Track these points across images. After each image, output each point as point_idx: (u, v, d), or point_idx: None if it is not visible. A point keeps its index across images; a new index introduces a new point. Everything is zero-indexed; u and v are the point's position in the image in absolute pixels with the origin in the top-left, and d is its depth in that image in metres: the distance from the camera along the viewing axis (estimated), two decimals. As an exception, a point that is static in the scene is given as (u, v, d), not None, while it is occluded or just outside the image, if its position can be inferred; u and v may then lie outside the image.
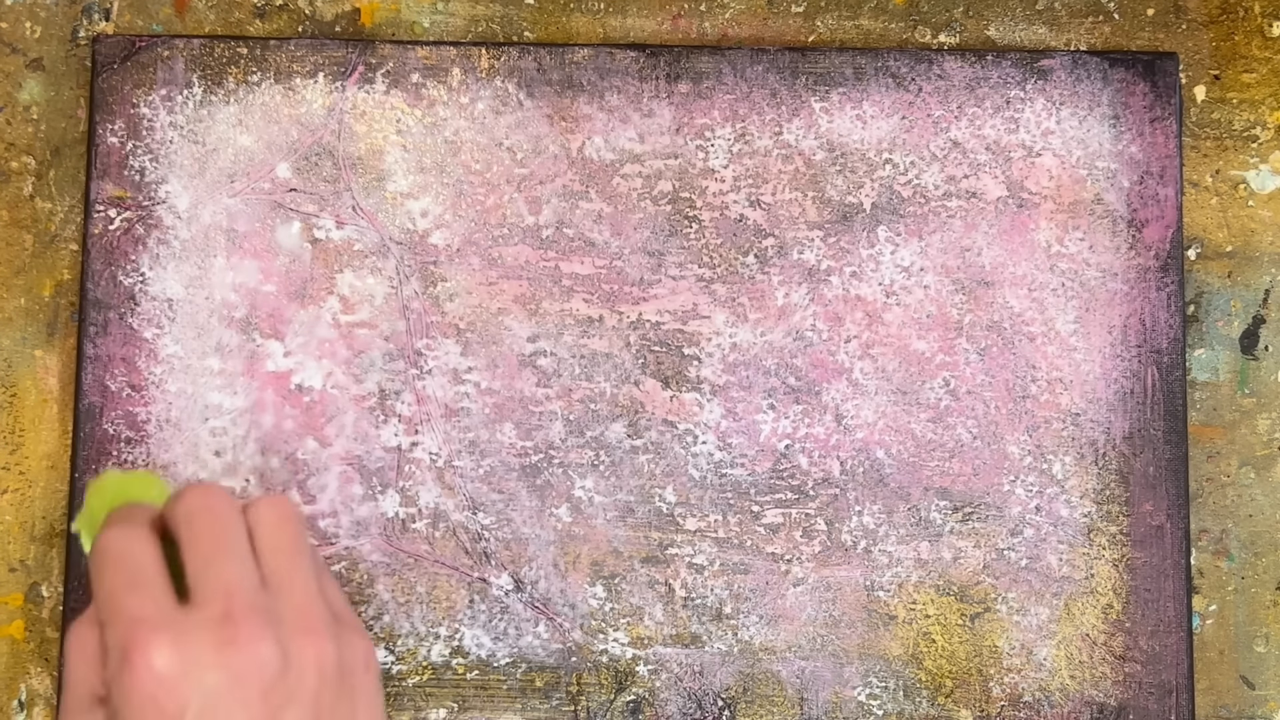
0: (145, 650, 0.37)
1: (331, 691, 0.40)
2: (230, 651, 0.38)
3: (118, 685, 0.38)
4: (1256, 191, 0.54)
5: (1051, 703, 0.51)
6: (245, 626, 0.38)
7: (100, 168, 0.51)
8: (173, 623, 0.38)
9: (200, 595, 0.39)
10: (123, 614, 0.38)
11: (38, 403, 0.52)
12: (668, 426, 0.51)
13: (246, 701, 0.38)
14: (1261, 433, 0.53)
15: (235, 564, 0.40)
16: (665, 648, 0.51)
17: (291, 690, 0.38)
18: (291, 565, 0.41)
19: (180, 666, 0.37)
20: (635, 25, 0.54)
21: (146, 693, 0.37)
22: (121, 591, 0.39)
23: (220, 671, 0.37)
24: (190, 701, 0.37)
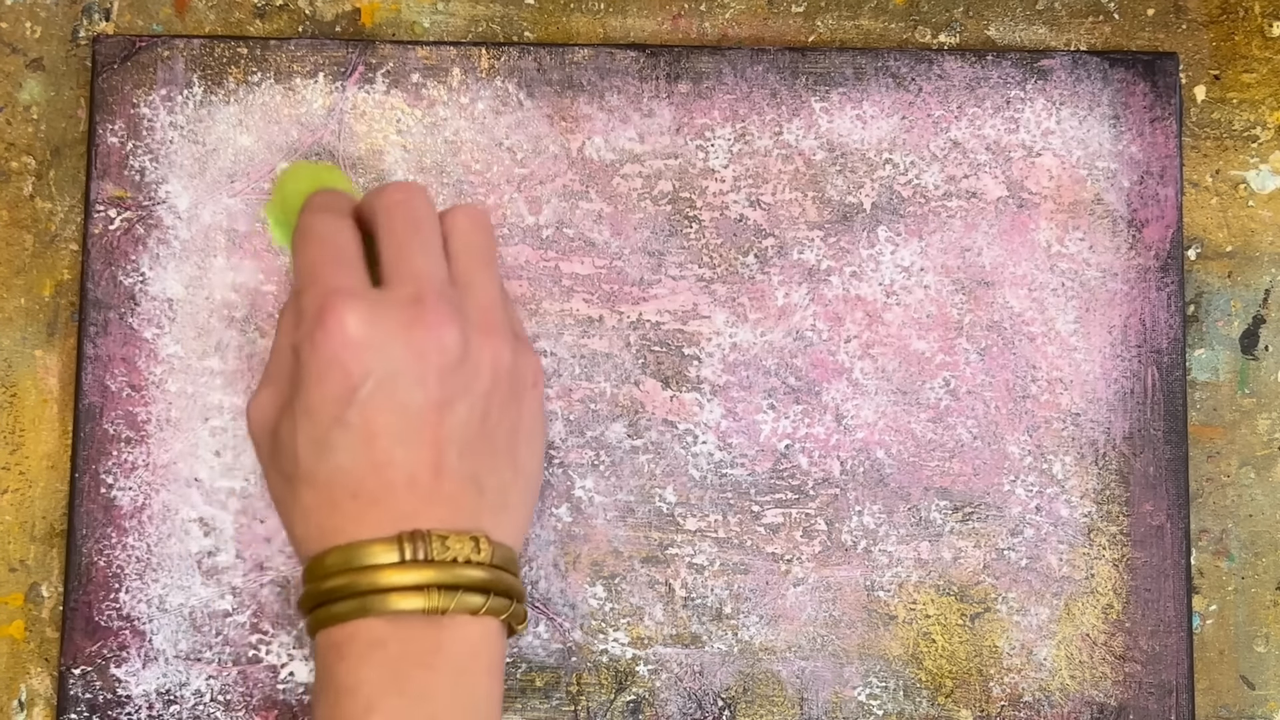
0: (339, 313, 0.38)
1: (502, 394, 0.41)
2: (417, 330, 0.39)
3: (309, 343, 0.39)
4: (1256, 191, 0.54)
5: (1051, 703, 0.51)
6: (433, 310, 0.39)
7: (100, 168, 0.51)
8: (367, 296, 0.39)
9: (393, 279, 0.40)
10: (321, 281, 0.40)
11: (38, 403, 0.52)
12: (668, 426, 0.51)
13: (424, 380, 0.39)
14: (1261, 433, 0.53)
15: (429, 256, 0.41)
16: (665, 648, 0.51)
17: (467, 382, 0.40)
18: (481, 269, 0.42)
19: (369, 334, 0.38)
20: (635, 25, 0.54)
21: (333, 353, 0.39)
22: (322, 264, 0.40)
23: (405, 347, 0.39)
24: (373, 370, 0.38)
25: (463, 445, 0.40)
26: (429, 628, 0.38)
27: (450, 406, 0.39)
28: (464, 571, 0.38)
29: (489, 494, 0.40)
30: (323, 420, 0.39)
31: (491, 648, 0.40)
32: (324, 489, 0.39)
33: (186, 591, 0.50)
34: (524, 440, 0.42)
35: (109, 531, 0.50)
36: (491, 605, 0.39)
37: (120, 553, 0.50)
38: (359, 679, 0.38)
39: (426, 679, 0.38)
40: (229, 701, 0.50)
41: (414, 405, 0.39)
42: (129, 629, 0.50)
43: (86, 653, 0.50)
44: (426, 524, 0.39)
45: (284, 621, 0.50)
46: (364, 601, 0.38)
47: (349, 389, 0.38)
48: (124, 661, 0.50)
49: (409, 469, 0.39)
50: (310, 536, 0.40)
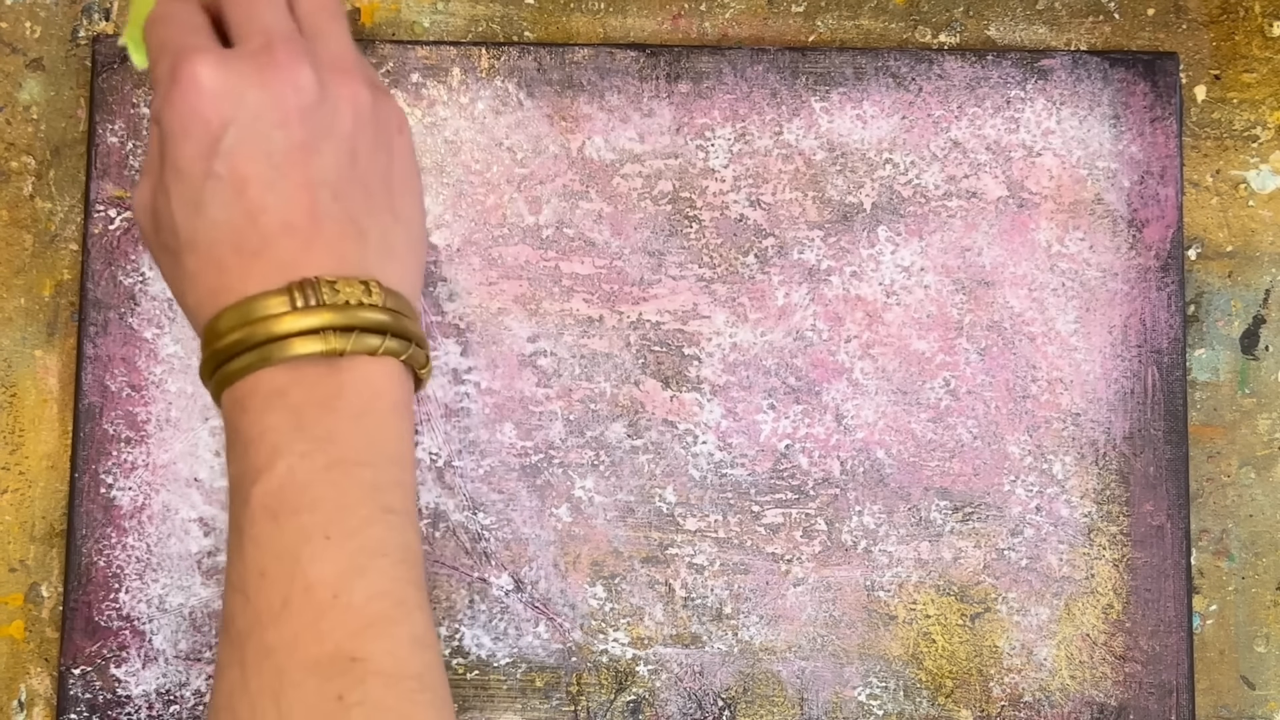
0: (191, 68, 0.39)
1: (368, 137, 0.41)
2: (270, 73, 0.39)
3: (166, 104, 0.39)
4: (1257, 191, 0.54)
5: (1051, 703, 0.51)
6: (283, 54, 0.39)
7: (100, 168, 0.51)
8: (218, 50, 0.40)
9: (241, 35, 0.40)
10: (171, 46, 0.40)
11: (38, 403, 0.52)
12: (668, 426, 0.51)
13: (286, 123, 0.39)
14: (1262, 433, 0.53)
15: (273, 10, 0.41)
16: (665, 648, 0.51)
17: (328, 122, 0.40)
18: (330, 20, 0.42)
19: (224, 83, 0.39)
20: (635, 25, 0.54)
21: (191, 106, 0.39)
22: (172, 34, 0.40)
23: (261, 91, 0.39)
24: (232, 118, 0.39)
25: (335, 187, 0.40)
26: (329, 372, 0.39)
27: (314, 147, 0.39)
28: (358, 313, 0.38)
29: (372, 240, 0.40)
30: (192, 177, 0.39)
31: (395, 388, 0.40)
32: (205, 250, 0.39)
33: (186, 591, 0.50)
34: (399, 187, 0.42)
35: (109, 531, 0.50)
36: (389, 346, 0.39)
37: (120, 553, 0.50)
38: (263, 427, 0.38)
39: (330, 421, 0.38)
40: (229, 701, 0.50)
41: (278, 148, 0.39)
42: (129, 629, 0.50)
43: (86, 653, 0.50)
44: (313, 271, 0.39)
45: (284, 621, 0.50)
46: (262, 352, 0.38)
47: (212, 140, 0.39)
48: (124, 661, 0.50)
49: (283, 214, 0.39)
50: (203, 303, 0.39)
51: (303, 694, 0.36)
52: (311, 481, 0.38)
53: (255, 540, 0.38)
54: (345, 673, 0.36)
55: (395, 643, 0.37)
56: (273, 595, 0.37)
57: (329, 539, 0.37)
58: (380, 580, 0.37)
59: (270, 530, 0.37)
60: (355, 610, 0.37)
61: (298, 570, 0.37)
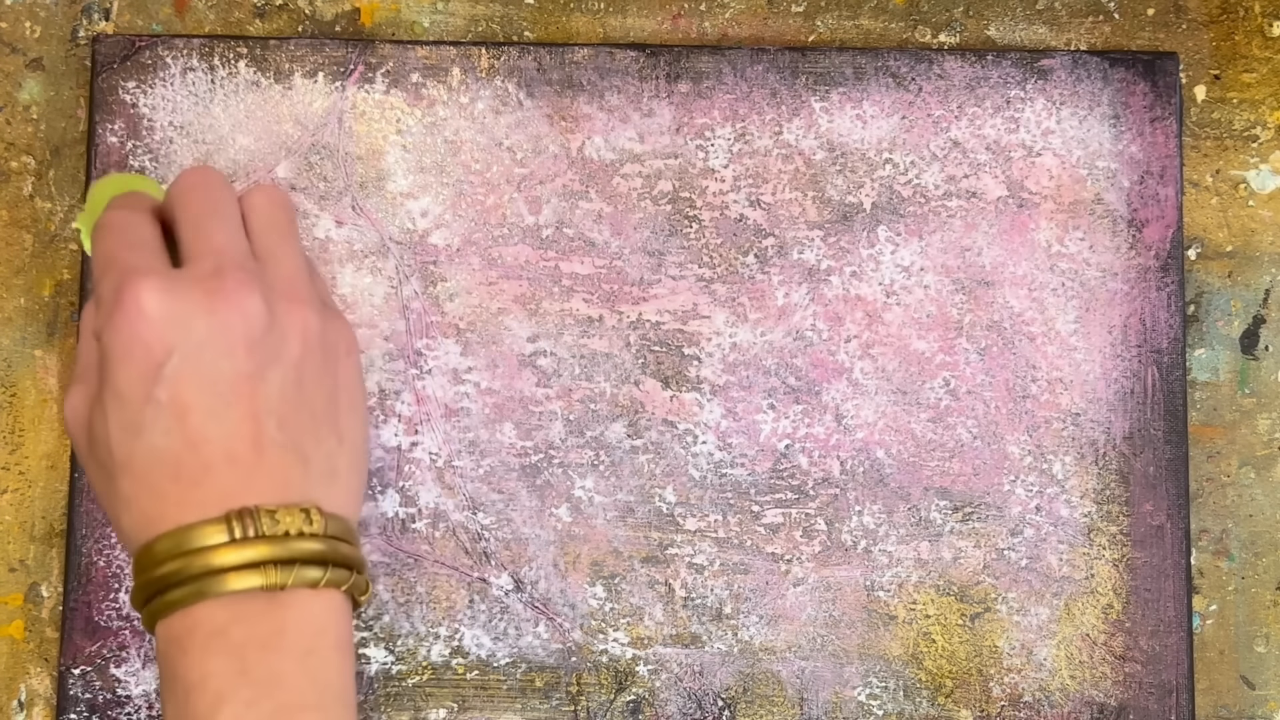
0: (136, 292, 0.38)
1: (315, 361, 0.40)
2: (218, 301, 0.38)
3: (109, 326, 0.38)
4: (1257, 191, 0.54)
5: (1051, 703, 0.51)
6: (233, 280, 0.38)
7: (100, 168, 0.51)
8: (166, 273, 0.39)
9: (192, 256, 0.39)
10: (117, 265, 0.39)
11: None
12: (668, 426, 0.51)
13: (231, 351, 0.38)
14: (1262, 433, 0.53)
15: (226, 230, 0.40)
16: (665, 648, 0.51)
17: (276, 349, 0.39)
18: (282, 242, 0.41)
19: (169, 310, 0.38)
20: (635, 25, 0.54)
21: (135, 332, 0.38)
22: (119, 249, 0.39)
23: (207, 319, 0.38)
24: (176, 346, 0.38)
25: (280, 415, 0.39)
26: (270, 608, 0.37)
27: (262, 376, 0.38)
28: (298, 544, 0.37)
29: (315, 464, 0.39)
30: (132, 402, 0.38)
31: (338, 623, 0.39)
32: (142, 475, 0.38)
33: (186, 591, 0.50)
34: (345, 408, 0.41)
35: (109, 531, 0.50)
36: (331, 577, 0.38)
37: (120, 553, 0.50)
38: (205, 672, 0.37)
39: (274, 662, 0.37)
40: (229, 701, 0.50)
41: (224, 377, 0.38)
42: (129, 629, 0.50)
43: (86, 653, 0.50)
44: (253, 500, 0.38)
45: (284, 621, 0.50)
46: (199, 585, 0.37)
47: (154, 366, 0.38)
48: (124, 661, 0.50)
49: (226, 444, 0.38)
50: (136, 527, 0.38)
51: None
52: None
53: None
54: None
55: None
56: None
57: None
58: None
59: None
60: None
61: None
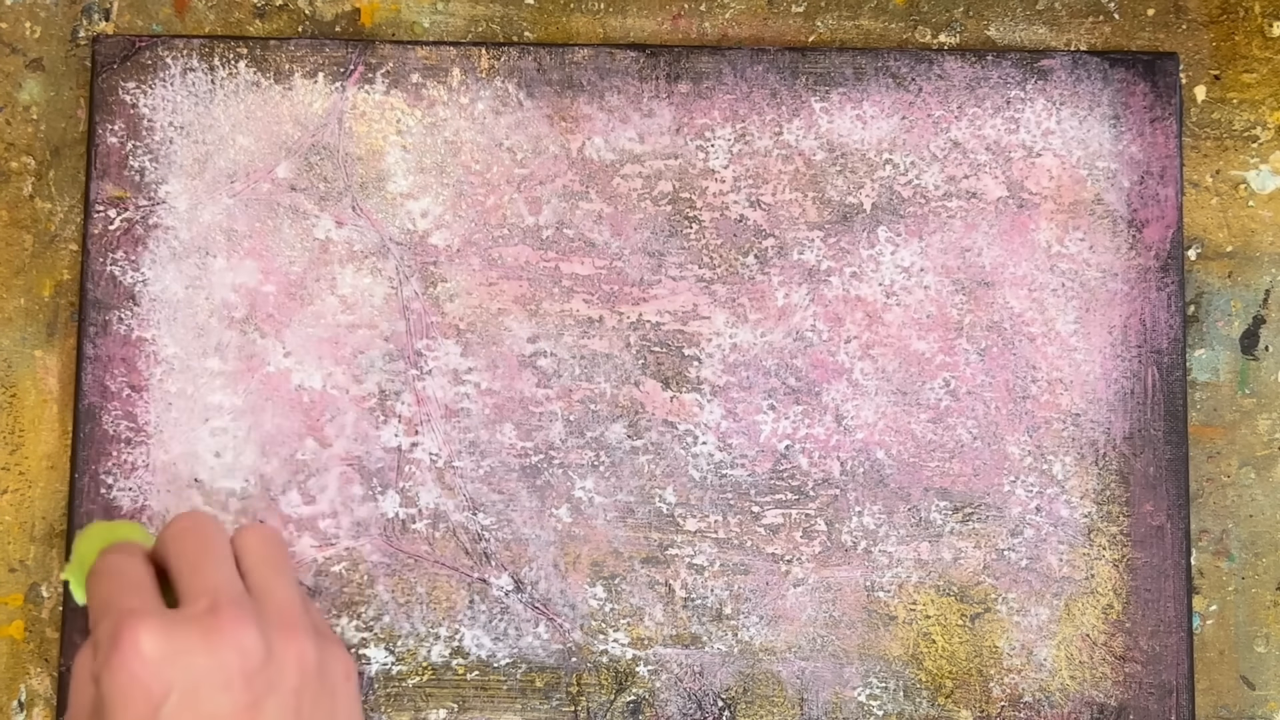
0: (134, 634, 0.38)
1: (312, 691, 0.41)
2: (215, 638, 0.39)
3: (106, 669, 0.39)
4: (1257, 191, 0.54)
5: (1051, 703, 0.51)
6: (229, 617, 0.39)
7: (100, 168, 0.51)
8: (162, 614, 0.40)
9: (187, 596, 0.41)
10: (114, 608, 0.40)
11: (38, 403, 0.52)
12: (668, 427, 0.51)
13: (229, 686, 0.39)
14: (1262, 433, 0.53)
15: (221, 569, 0.41)
16: (665, 648, 0.51)
17: (273, 681, 0.39)
18: (276, 575, 0.42)
19: (166, 650, 0.38)
20: (635, 25, 0.54)
21: (132, 674, 0.38)
22: (115, 593, 0.40)
23: (205, 656, 0.39)
24: (174, 685, 0.38)
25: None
26: None
27: (260, 709, 0.39)
28: None
29: None
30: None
31: None
32: None
33: (186, 592, 0.50)
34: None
35: (109, 532, 0.50)
36: None
37: (120, 553, 0.50)
38: None
39: None
40: (229, 702, 0.50)
41: (222, 712, 0.38)
42: (129, 629, 0.50)
43: (87, 653, 0.50)
44: None
45: (284, 622, 0.50)
46: None
47: (152, 708, 0.38)
48: (124, 662, 0.50)
49: None
50: None
51: None
52: None
53: None
54: None
55: None
56: None
57: None
58: None
59: None
60: None
61: None
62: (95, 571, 0.42)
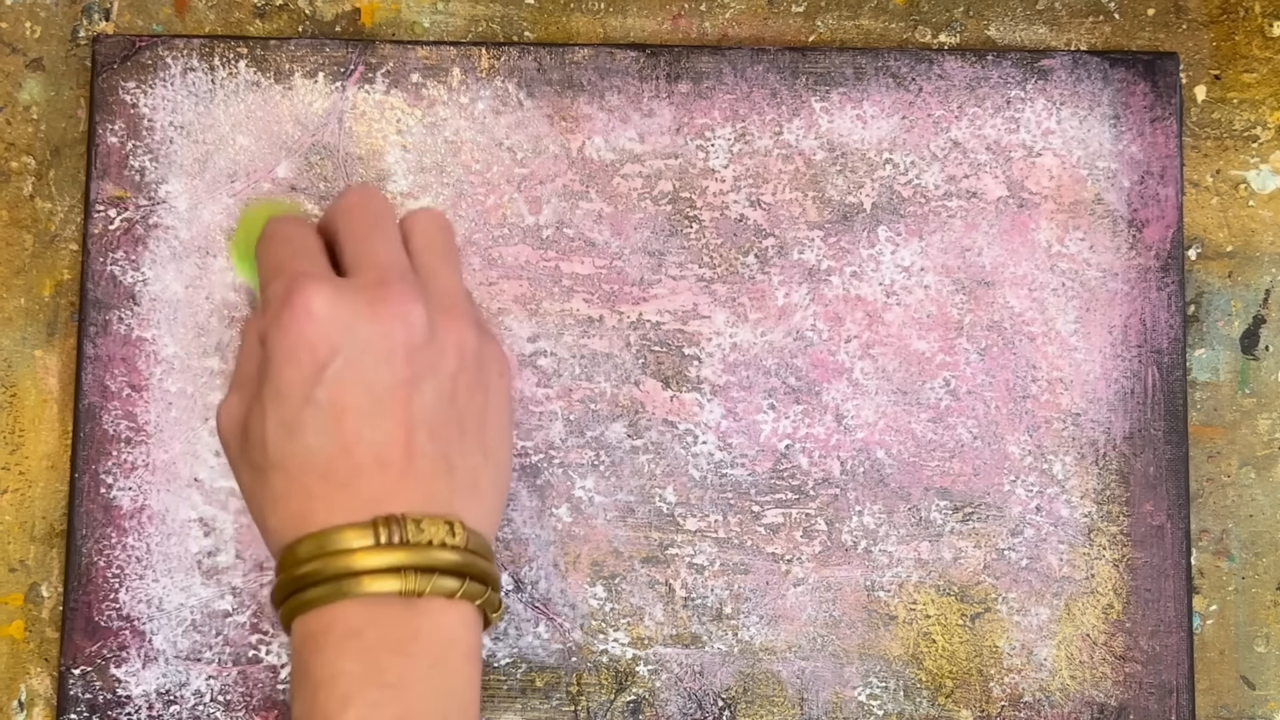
0: (305, 295, 0.39)
1: (469, 378, 0.41)
2: (382, 309, 0.39)
3: (276, 327, 0.39)
4: (1257, 191, 0.54)
5: (1052, 703, 0.51)
6: (397, 291, 0.40)
7: (100, 168, 0.51)
8: (333, 279, 0.40)
9: (355, 268, 0.41)
10: (286, 270, 0.40)
11: (38, 403, 0.52)
12: (668, 426, 0.51)
13: (391, 358, 0.39)
14: (1262, 433, 0.53)
15: (390, 247, 0.41)
16: (665, 648, 0.51)
17: (433, 362, 0.40)
18: (442, 261, 0.42)
19: (335, 313, 0.39)
20: (635, 25, 0.54)
21: (301, 333, 0.39)
22: (287, 257, 0.41)
23: (371, 325, 0.39)
24: (340, 348, 0.39)
25: (432, 426, 0.40)
26: (405, 614, 0.38)
27: (418, 385, 0.39)
28: (439, 555, 0.38)
29: (460, 478, 0.40)
30: (292, 401, 0.39)
31: (468, 634, 0.40)
32: (295, 474, 0.39)
33: (186, 591, 0.50)
34: (493, 427, 0.42)
35: (109, 531, 0.50)
36: (467, 590, 0.39)
37: (120, 553, 0.50)
38: (336, 670, 0.38)
39: (403, 667, 0.38)
40: (229, 702, 0.50)
41: (382, 383, 0.39)
42: (129, 629, 0.50)
43: (86, 653, 0.50)
44: (399, 507, 0.39)
45: (284, 621, 0.50)
46: (338, 586, 0.38)
47: (317, 367, 0.39)
48: (124, 662, 0.50)
49: (378, 449, 0.39)
50: (283, 526, 0.39)
51: None
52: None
53: None
54: None
55: None
56: None
57: None
58: None
59: None
60: None
61: None
62: (266, 236, 0.42)
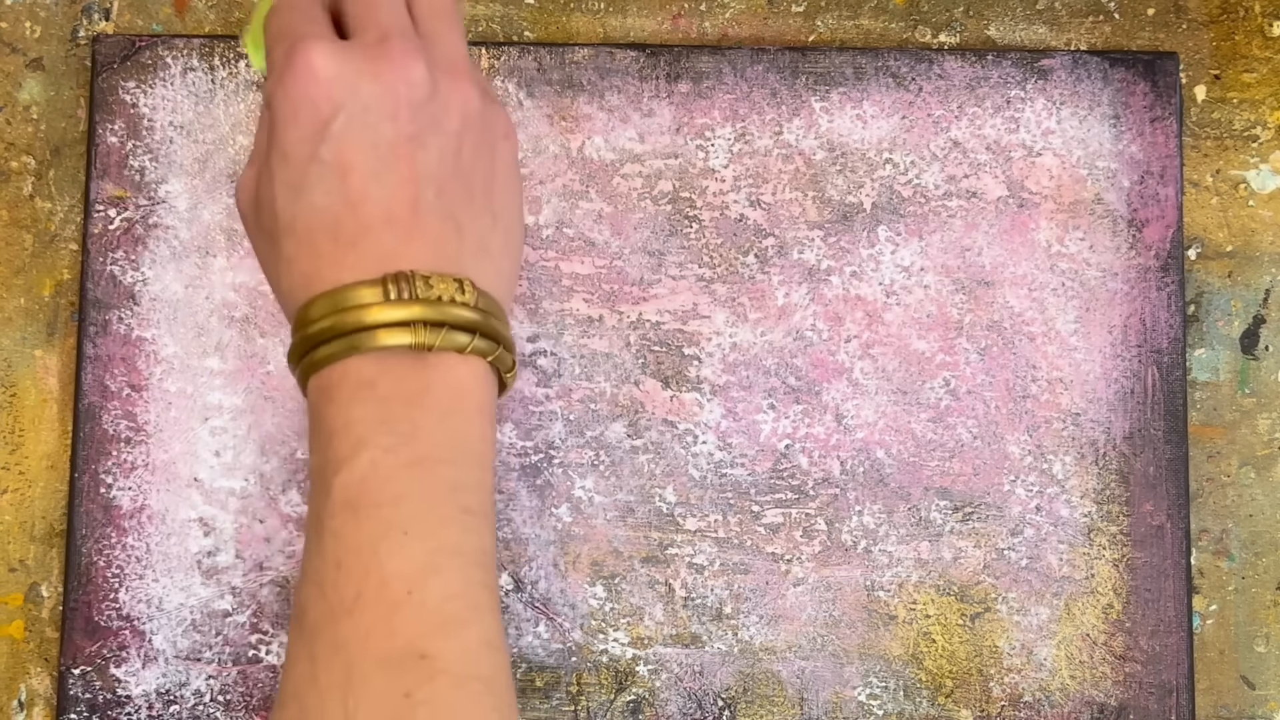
0: (307, 55, 0.39)
1: (474, 137, 0.41)
2: (384, 65, 0.39)
3: (279, 87, 0.40)
4: (1257, 191, 0.54)
5: (1051, 703, 0.51)
6: (398, 49, 0.40)
7: (100, 168, 0.51)
8: (335, 40, 0.40)
9: (358, 28, 0.41)
10: (290, 32, 0.40)
11: (38, 403, 0.52)
12: (668, 426, 0.51)
13: (395, 115, 0.39)
14: (1261, 433, 0.53)
15: (392, 7, 0.41)
16: (665, 648, 0.51)
17: (437, 118, 0.40)
18: (447, 25, 0.42)
19: (337, 70, 0.39)
20: (635, 25, 0.54)
21: (303, 91, 0.39)
22: (290, 22, 0.41)
23: (374, 81, 0.39)
24: (343, 105, 0.39)
25: (438, 183, 0.40)
26: (417, 367, 0.39)
27: (421, 142, 0.40)
28: (449, 309, 0.39)
29: (469, 238, 0.41)
30: (297, 160, 0.39)
31: (480, 389, 0.40)
32: (304, 235, 0.39)
33: (186, 591, 0.50)
34: (500, 189, 0.42)
35: (109, 531, 0.50)
36: (477, 345, 0.39)
37: (120, 553, 0.50)
38: (349, 418, 0.38)
39: (415, 417, 0.38)
40: (229, 701, 0.50)
41: (385, 139, 0.39)
42: (129, 629, 0.50)
43: (86, 653, 0.50)
44: (408, 264, 0.39)
45: (284, 621, 0.50)
46: (351, 340, 0.38)
47: (320, 124, 0.39)
48: (124, 661, 0.50)
49: (385, 205, 0.39)
50: (296, 287, 0.40)
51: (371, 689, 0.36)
52: (394, 476, 0.38)
53: (334, 532, 0.37)
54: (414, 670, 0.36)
55: (466, 644, 0.37)
56: (347, 588, 0.37)
57: (407, 535, 0.37)
58: (455, 581, 0.37)
59: (349, 523, 0.37)
60: (429, 609, 0.37)
61: (374, 564, 0.37)
62: (274, 9, 0.42)
